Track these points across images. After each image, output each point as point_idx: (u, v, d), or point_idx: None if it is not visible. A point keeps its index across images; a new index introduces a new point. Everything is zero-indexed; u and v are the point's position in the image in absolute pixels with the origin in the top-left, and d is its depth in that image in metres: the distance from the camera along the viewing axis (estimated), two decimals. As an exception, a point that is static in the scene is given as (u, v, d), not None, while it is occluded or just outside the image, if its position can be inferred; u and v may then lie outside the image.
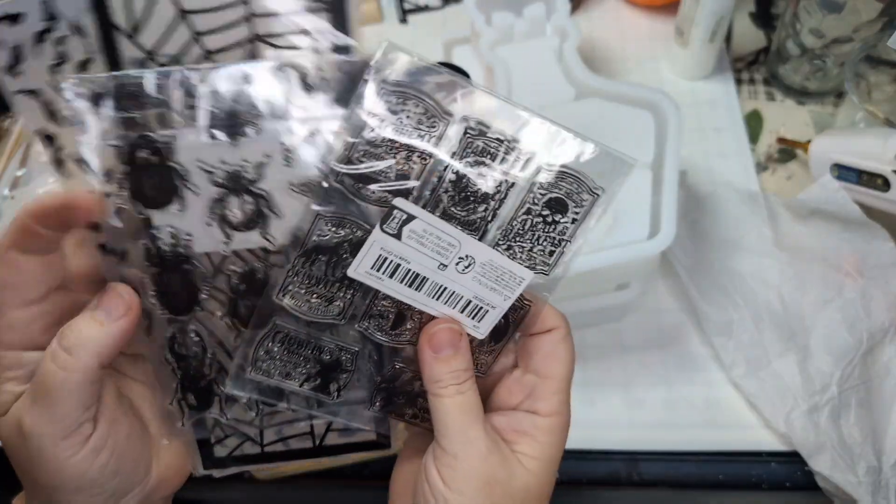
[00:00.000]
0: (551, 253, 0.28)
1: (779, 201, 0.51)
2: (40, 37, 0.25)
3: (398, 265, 0.26)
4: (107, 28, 0.25)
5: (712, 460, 0.44)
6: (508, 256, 0.27)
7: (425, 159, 0.25)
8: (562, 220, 0.27)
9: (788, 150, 0.57)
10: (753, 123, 0.59)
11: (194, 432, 0.31)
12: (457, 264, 0.27)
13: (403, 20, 0.70)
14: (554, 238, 0.27)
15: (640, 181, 0.43)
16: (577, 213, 0.27)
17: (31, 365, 0.25)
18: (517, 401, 0.29)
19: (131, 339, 0.26)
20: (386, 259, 0.26)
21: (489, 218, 0.27)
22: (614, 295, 0.46)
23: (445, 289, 0.27)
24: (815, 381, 0.44)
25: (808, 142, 0.52)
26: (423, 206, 0.26)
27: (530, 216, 0.27)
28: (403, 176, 0.25)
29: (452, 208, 0.26)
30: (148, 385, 0.29)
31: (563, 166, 0.27)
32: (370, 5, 0.69)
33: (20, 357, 0.25)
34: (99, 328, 0.24)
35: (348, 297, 0.27)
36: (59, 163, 0.27)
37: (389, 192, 0.25)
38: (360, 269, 0.26)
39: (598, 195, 0.27)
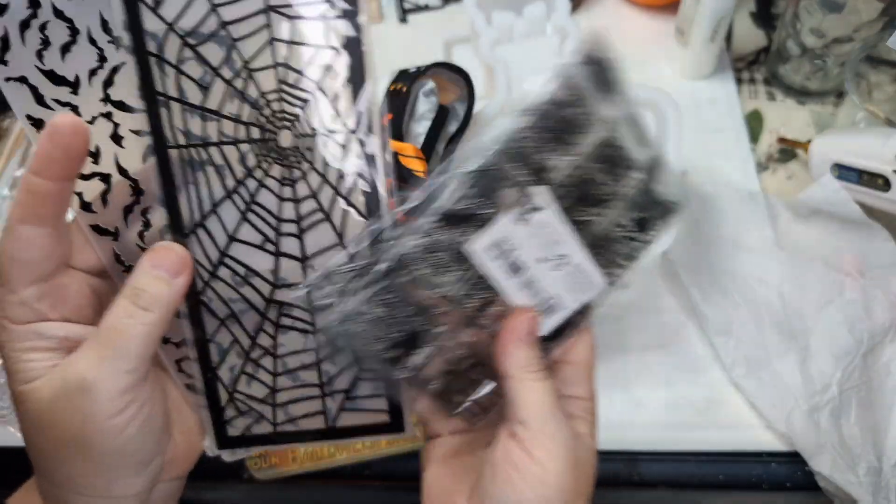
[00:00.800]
0: (621, 267, 0.30)
1: (779, 201, 0.51)
2: (26, 24, 0.26)
3: (508, 251, 0.27)
4: (132, 2, 0.26)
5: (712, 460, 0.44)
6: (595, 261, 0.29)
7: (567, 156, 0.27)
8: (640, 239, 0.29)
9: (789, 150, 0.57)
10: (754, 123, 0.59)
11: (207, 410, 0.31)
12: (553, 261, 0.28)
13: (403, 19, 0.70)
14: (628, 254, 0.29)
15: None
16: (652, 234, 0.30)
17: (54, 335, 0.26)
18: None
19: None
20: (502, 242, 0.27)
21: (592, 222, 0.28)
22: (614, 295, 0.46)
23: (535, 282, 0.28)
24: (816, 382, 0.44)
25: (809, 141, 0.52)
26: (556, 199, 0.27)
27: (621, 230, 0.29)
28: (541, 168, 0.26)
29: (570, 206, 0.27)
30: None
31: (655, 190, 0.29)
32: (370, 5, 0.69)
33: (39, 329, 0.26)
34: (165, 285, 0.26)
35: (455, 270, 0.27)
36: None
37: (531, 179, 0.26)
38: (478, 245, 0.27)
39: (671, 220, 0.30)
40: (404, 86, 0.43)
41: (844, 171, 0.48)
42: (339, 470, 0.45)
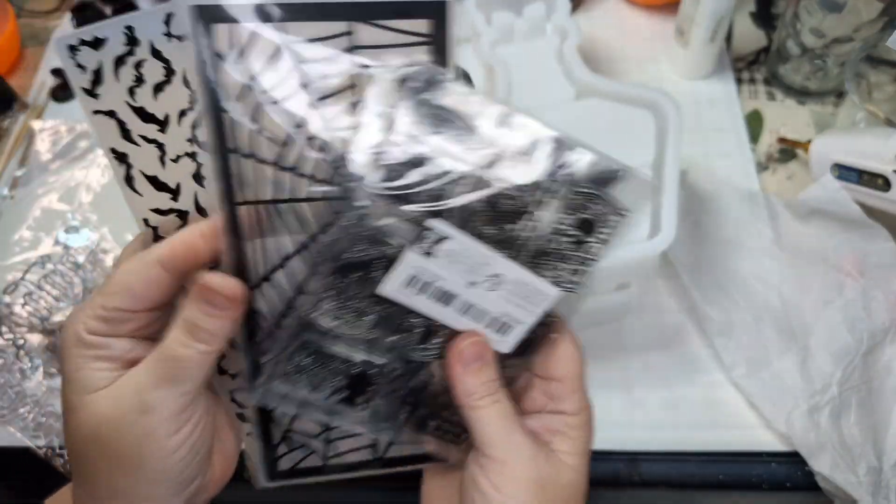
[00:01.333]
0: (577, 272, 0.28)
1: (779, 201, 0.51)
2: (121, 60, 0.26)
3: (429, 283, 0.27)
4: (212, 56, 0.25)
5: (713, 460, 0.44)
6: (537, 275, 0.27)
7: (462, 178, 0.26)
8: (589, 241, 0.28)
9: (789, 150, 0.57)
10: (754, 123, 0.59)
11: (260, 444, 0.32)
12: (486, 282, 0.27)
13: (403, 20, 0.70)
14: (581, 257, 0.28)
15: (640, 181, 0.43)
16: (603, 234, 0.28)
17: (121, 352, 0.27)
18: (541, 405, 0.30)
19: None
20: (417, 277, 0.26)
21: (520, 237, 0.27)
22: (614, 295, 0.46)
23: (474, 306, 0.28)
24: (816, 382, 0.44)
25: (809, 141, 0.52)
26: (457, 225, 0.26)
27: (560, 236, 0.27)
28: (438, 196, 0.25)
29: (485, 227, 0.26)
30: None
31: (593, 188, 0.28)
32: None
33: (109, 342, 0.27)
34: (217, 321, 0.26)
35: (378, 312, 0.27)
36: (129, 180, 0.28)
37: (425, 212, 0.26)
38: (391, 286, 0.26)
39: (623, 216, 0.28)
40: None
41: (844, 171, 0.48)
42: (339, 470, 0.45)
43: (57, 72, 0.67)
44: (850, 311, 0.45)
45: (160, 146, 0.28)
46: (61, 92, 0.66)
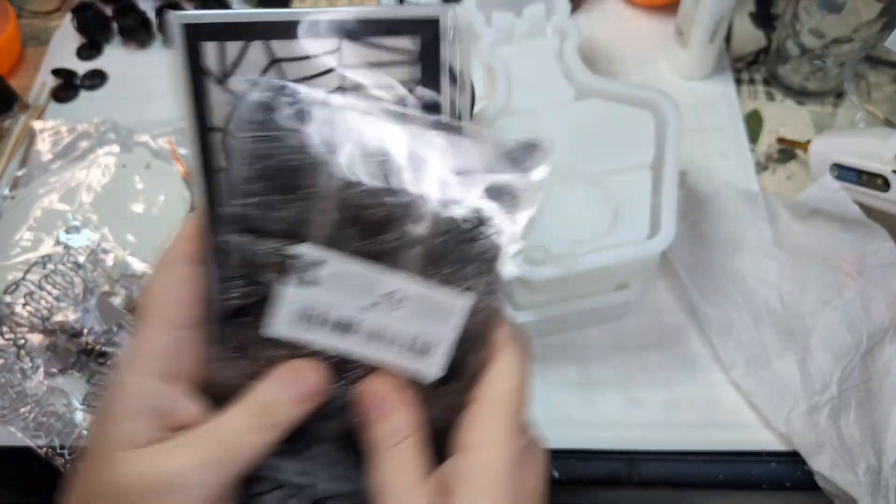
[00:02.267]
0: (482, 272, 0.25)
1: (779, 201, 0.51)
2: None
3: (319, 314, 0.24)
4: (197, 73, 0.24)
5: (712, 460, 0.44)
6: (438, 283, 0.24)
7: (321, 198, 0.23)
8: (487, 234, 0.25)
9: (788, 150, 0.57)
10: (753, 123, 0.59)
11: None
12: (383, 302, 0.24)
13: (403, 20, 0.70)
14: (483, 253, 0.25)
15: (640, 181, 0.43)
16: (498, 224, 0.25)
17: (167, 403, 0.23)
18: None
19: None
20: (303, 311, 0.24)
21: (405, 246, 0.24)
22: (614, 295, 0.46)
23: (379, 330, 0.24)
24: (815, 381, 0.44)
25: (808, 142, 0.52)
26: (330, 247, 0.24)
27: (450, 236, 0.24)
28: (301, 222, 0.23)
29: (358, 243, 0.24)
30: None
31: (471, 175, 0.24)
32: (370, 6, 0.70)
33: (161, 392, 0.23)
34: (296, 409, 0.24)
35: (281, 354, 0.24)
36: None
37: (288, 239, 0.24)
38: (278, 327, 0.24)
39: (518, 198, 0.24)
40: None
41: (844, 172, 0.48)
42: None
43: (58, 72, 0.67)
44: (849, 311, 0.45)
45: None
46: (62, 92, 0.66)
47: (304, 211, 0.23)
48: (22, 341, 0.50)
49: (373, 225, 0.24)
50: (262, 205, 0.23)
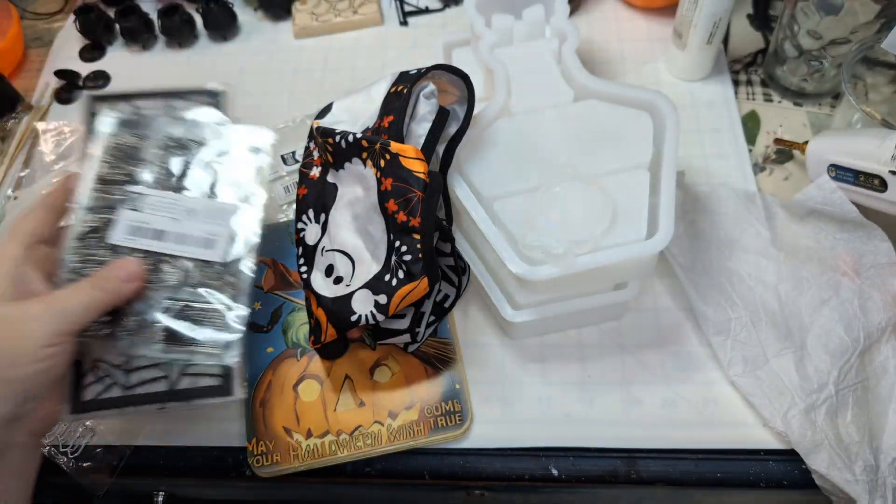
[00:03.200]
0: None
1: (776, 201, 0.51)
2: None
3: (142, 227, 0.42)
4: None
5: (710, 458, 0.45)
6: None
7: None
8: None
9: (786, 151, 0.57)
10: (751, 124, 0.59)
11: (71, 373, 0.42)
12: (184, 216, 0.42)
13: (404, 22, 0.70)
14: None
15: (638, 181, 0.43)
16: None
17: (27, 275, 0.38)
18: None
19: None
20: (133, 226, 0.42)
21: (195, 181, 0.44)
22: (613, 294, 0.46)
23: (182, 234, 0.42)
24: (813, 380, 0.44)
25: (806, 142, 0.52)
26: (150, 186, 0.43)
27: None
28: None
29: (168, 181, 0.44)
30: None
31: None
32: (371, 7, 0.70)
33: (25, 262, 0.38)
34: (122, 283, 0.39)
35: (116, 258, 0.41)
36: None
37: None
38: (117, 237, 0.41)
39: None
40: (405, 87, 0.43)
41: (841, 172, 0.49)
42: (340, 467, 0.45)
43: (60, 73, 0.68)
44: (846, 311, 0.45)
45: None
46: (65, 93, 0.67)
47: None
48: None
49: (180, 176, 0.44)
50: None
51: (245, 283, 0.43)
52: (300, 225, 0.48)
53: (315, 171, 0.48)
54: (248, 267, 0.43)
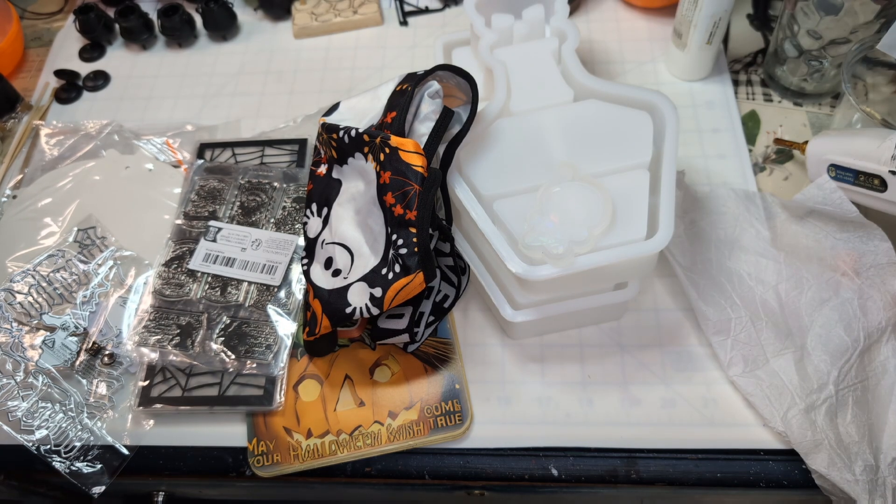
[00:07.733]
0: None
1: (776, 201, 0.51)
2: None
3: (216, 255, 0.52)
4: None
5: (710, 458, 0.45)
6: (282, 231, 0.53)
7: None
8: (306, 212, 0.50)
9: (786, 151, 0.57)
10: (751, 124, 0.59)
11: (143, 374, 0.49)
12: (251, 246, 0.52)
13: (404, 22, 0.70)
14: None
15: (638, 181, 0.43)
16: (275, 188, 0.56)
17: None
18: None
19: None
20: (209, 254, 0.52)
21: (264, 216, 0.55)
22: (613, 294, 0.46)
23: (248, 262, 0.51)
24: (813, 380, 0.44)
25: (806, 142, 0.52)
26: (226, 220, 0.54)
27: (287, 210, 0.55)
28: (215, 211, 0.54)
29: (242, 216, 0.54)
30: None
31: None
32: (371, 7, 0.70)
33: None
34: None
35: (192, 282, 0.51)
36: None
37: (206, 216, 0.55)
38: (194, 263, 0.52)
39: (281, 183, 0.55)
40: (409, 86, 0.43)
41: (841, 172, 0.49)
42: (340, 467, 0.45)
43: (60, 73, 0.68)
44: (846, 311, 0.45)
45: None
46: (65, 93, 0.67)
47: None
48: (17, 335, 0.50)
49: (250, 209, 0.55)
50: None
51: (295, 302, 0.50)
52: (304, 219, 0.49)
53: (322, 168, 0.49)
54: (299, 289, 0.51)
